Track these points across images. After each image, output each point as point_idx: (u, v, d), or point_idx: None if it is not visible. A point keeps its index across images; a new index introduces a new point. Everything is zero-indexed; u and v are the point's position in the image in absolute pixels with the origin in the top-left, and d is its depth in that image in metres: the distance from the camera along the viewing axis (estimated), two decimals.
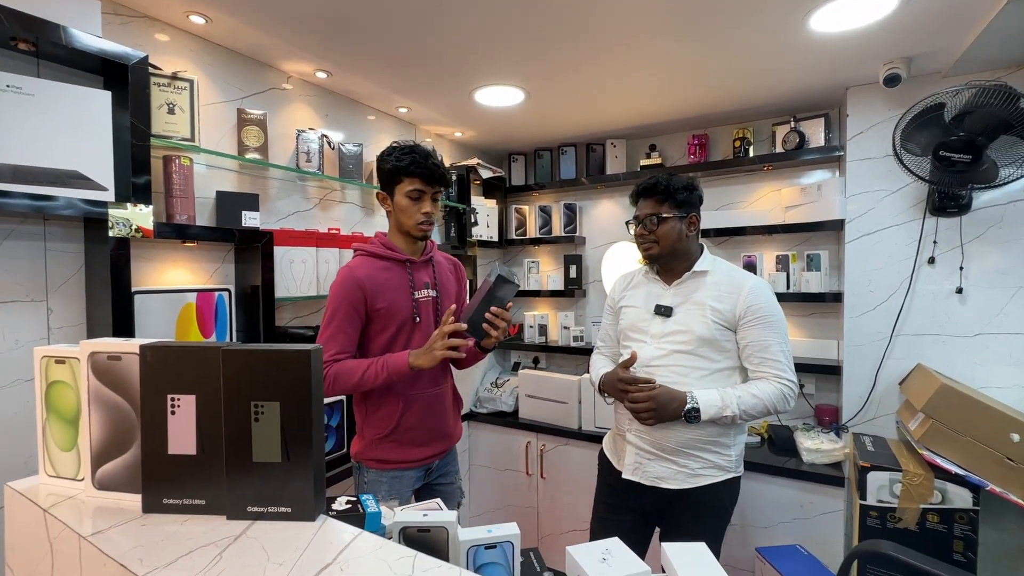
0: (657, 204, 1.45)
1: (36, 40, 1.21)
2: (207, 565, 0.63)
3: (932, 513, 1.62)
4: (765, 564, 1.82)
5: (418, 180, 1.39)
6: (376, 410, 1.44)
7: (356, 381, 1.34)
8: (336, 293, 1.38)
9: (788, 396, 1.38)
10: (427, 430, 1.47)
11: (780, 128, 2.34)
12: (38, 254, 1.32)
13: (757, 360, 1.39)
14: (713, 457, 1.41)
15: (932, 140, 1.74)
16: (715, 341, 1.39)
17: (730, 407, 1.35)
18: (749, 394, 1.36)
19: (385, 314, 1.40)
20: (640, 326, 1.49)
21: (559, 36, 1.66)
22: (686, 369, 1.40)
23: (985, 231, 1.89)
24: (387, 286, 1.41)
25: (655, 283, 1.53)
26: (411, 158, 1.38)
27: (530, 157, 3.11)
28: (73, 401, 0.83)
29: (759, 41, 1.70)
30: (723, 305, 1.40)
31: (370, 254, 1.45)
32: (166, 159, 1.52)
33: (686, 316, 1.42)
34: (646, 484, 1.44)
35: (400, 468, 1.45)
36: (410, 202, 1.41)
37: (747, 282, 1.41)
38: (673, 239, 1.44)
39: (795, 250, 2.37)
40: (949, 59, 1.80)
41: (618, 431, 1.55)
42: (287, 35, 1.66)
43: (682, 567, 0.87)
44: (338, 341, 1.36)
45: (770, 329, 1.38)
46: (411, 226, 1.43)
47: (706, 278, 1.45)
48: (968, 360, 1.92)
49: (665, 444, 1.41)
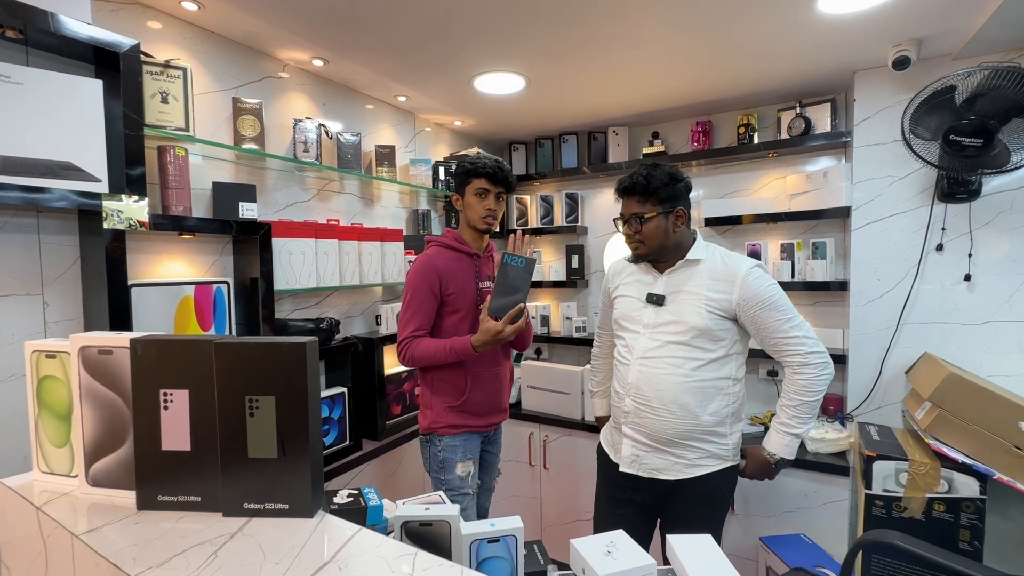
0: (639, 203, 1.41)
1: (24, 27, 1.18)
2: (201, 564, 0.61)
3: (938, 502, 1.61)
4: (769, 553, 1.81)
5: (484, 180, 1.59)
6: (445, 384, 1.63)
7: (431, 355, 1.54)
8: (416, 278, 1.57)
9: (818, 375, 1.37)
10: (488, 403, 1.67)
11: (785, 114, 2.30)
12: (32, 247, 1.30)
13: (773, 343, 1.39)
14: (710, 447, 1.40)
15: (942, 124, 1.70)
16: (710, 331, 1.37)
17: (796, 428, 1.40)
18: (792, 404, 1.39)
19: (455, 298, 1.59)
20: (633, 315, 1.48)
21: (560, 20, 1.62)
22: (680, 360, 1.38)
23: (995, 217, 1.85)
24: (458, 274, 1.60)
25: (647, 271, 1.50)
26: (481, 162, 1.60)
27: (531, 146, 3.07)
28: (65, 396, 0.81)
29: (765, 23, 1.66)
30: (718, 294, 1.38)
31: (444, 246, 1.65)
32: (160, 149, 1.49)
33: (680, 306, 1.40)
34: (644, 476, 1.44)
35: (469, 431, 1.65)
36: (477, 199, 1.61)
37: (741, 269, 1.38)
38: (660, 237, 1.41)
39: (800, 238, 2.33)
40: (960, 40, 1.76)
41: (614, 423, 1.54)
42: (282, 21, 1.62)
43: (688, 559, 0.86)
44: (417, 319, 1.56)
45: (774, 311, 1.36)
46: (477, 220, 1.62)
47: (699, 266, 1.42)
48: (976, 348, 1.89)
49: (662, 436, 1.40)
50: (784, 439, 1.40)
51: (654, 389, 1.39)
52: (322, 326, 1.88)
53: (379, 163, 2.23)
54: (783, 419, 1.41)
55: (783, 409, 1.41)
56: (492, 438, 1.79)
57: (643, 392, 1.41)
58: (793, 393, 1.38)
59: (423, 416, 1.68)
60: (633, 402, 1.43)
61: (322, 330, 1.87)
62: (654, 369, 1.40)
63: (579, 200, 2.89)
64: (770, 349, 1.41)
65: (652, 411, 1.40)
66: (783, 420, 1.41)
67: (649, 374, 1.40)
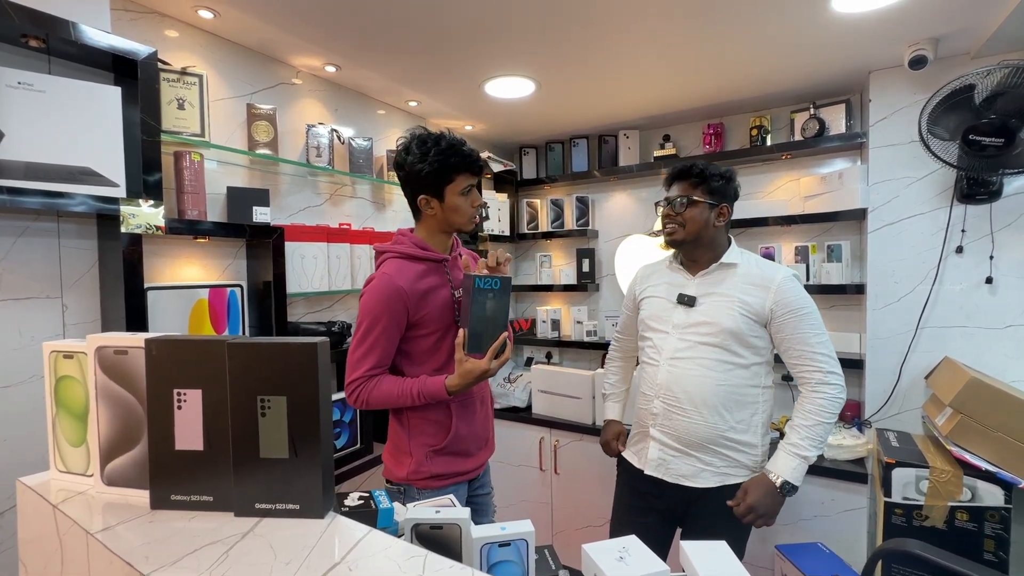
0: (690, 187, 1.41)
1: (46, 37, 1.21)
2: (213, 564, 0.61)
3: (961, 511, 1.56)
4: (786, 562, 1.78)
5: (468, 174, 1.28)
6: (425, 423, 1.32)
7: (392, 400, 1.26)
8: (374, 305, 1.24)
9: (836, 396, 1.33)
10: (476, 438, 1.38)
11: (799, 115, 2.27)
12: (52, 251, 1.33)
13: (796, 355, 1.36)
14: (740, 456, 1.37)
15: (961, 124, 1.67)
16: (741, 335, 1.35)
17: (805, 452, 1.31)
18: (804, 424, 1.33)
19: (428, 320, 1.29)
20: (662, 316, 1.45)
21: (569, 22, 1.62)
22: (711, 362, 1.36)
23: (1017, 218, 1.81)
24: (429, 291, 1.29)
25: (678, 272, 1.48)
26: (458, 155, 1.26)
27: (541, 150, 3.07)
28: (82, 396, 0.82)
29: (778, 23, 1.64)
30: (752, 298, 1.36)
31: (404, 256, 1.30)
32: (177, 155, 1.52)
33: (712, 307, 1.38)
34: (669, 481, 1.41)
35: (456, 482, 1.35)
36: (464, 199, 1.29)
37: (777, 275, 1.37)
38: (700, 224, 1.39)
39: (815, 241, 2.30)
40: (979, 39, 1.73)
41: (640, 427, 1.51)
42: (295, 28, 1.64)
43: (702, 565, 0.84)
44: (374, 356, 1.25)
45: (804, 322, 1.34)
46: (465, 223, 1.32)
47: (735, 270, 1.40)
48: (998, 352, 1.84)
49: (691, 439, 1.37)
50: (793, 461, 1.31)
51: (684, 390, 1.37)
52: (334, 329, 1.89)
53: (391, 168, 2.24)
54: (794, 439, 1.33)
55: (796, 429, 1.34)
56: (482, 479, 1.45)
57: (673, 393, 1.39)
58: (810, 412, 1.33)
59: (397, 463, 1.34)
60: (663, 404, 1.41)
61: (333, 333, 1.88)
62: (685, 370, 1.38)
63: (590, 204, 2.88)
64: (791, 361, 1.38)
65: (682, 412, 1.37)
66: (794, 440, 1.33)
67: (680, 375, 1.38)
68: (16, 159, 1.18)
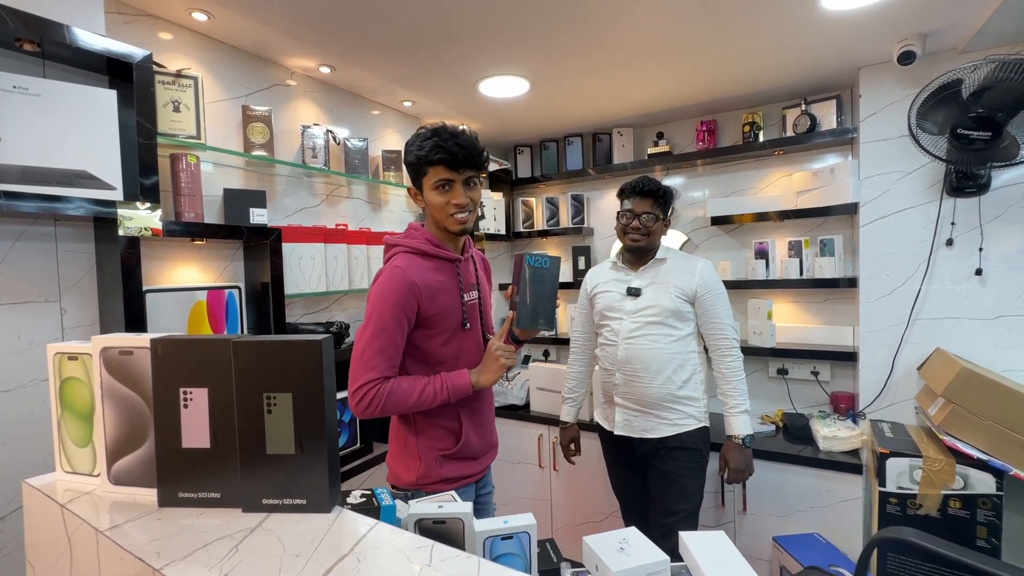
0: (654, 204, 1.71)
1: (40, 40, 1.21)
2: (224, 557, 0.62)
3: (954, 499, 1.59)
4: (783, 552, 1.80)
5: (442, 168, 1.18)
6: (435, 427, 1.28)
7: (412, 403, 1.19)
8: (386, 298, 1.16)
9: (739, 356, 1.70)
10: (484, 441, 1.36)
11: (790, 112, 2.30)
12: (50, 255, 1.33)
13: (711, 326, 1.70)
14: (688, 409, 1.68)
15: (949, 118, 1.70)
16: (679, 312, 1.68)
17: (742, 406, 1.68)
18: (731, 387, 1.68)
19: (437, 320, 1.23)
20: (615, 306, 1.76)
21: (562, 22, 1.64)
22: (658, 336, 1.68)
23: (1005, 211, 1.84)
24: (440, 289, 1.23)
25: (622, 271, 1.80)
26: (433, 142, 1.17)
27: (536, 148, 3.08)
28: (87, 397, 0.83)
29: (769, 21, 1.66)
30: (682, 282, 1.69)
31: (417, 252, 1.25)
32: (173, 157, 1.52)
33: (654, 293, 1.70)
34: (635, 437, 1.70)
35: (467, 483, 1.33)
36: (438, 194, 1.21)
37: (698, 263, 1.73)
38: (656, 236, 1.73)
39: (808, 235, 2.33)
40: (966, 34, 1.75)
41: (606, 398, 1.80)
42: (289, 29, 1.65)
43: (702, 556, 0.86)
44: (387, 355, 1.17)
45: (719, 300, 1.70)
46: (445, 220, 1.23)
47: (665, 264, 1.74)
48: (989, 343, 1.87)
49: (648, 400, 1.68)
50: (741, 418, 1.67)
51: (640, 361, 1.67)
52: (332, 329, 1.90)
53: (386, 168, 2.25)
54: (732, 402, 1.68)
55: (728, 394, 1.68)
56: (484, 480, 1.44)
57: (632, 365, 1.69)
58: (730, 376, 1.68)
59: (404, 467, 1.29)
60: (623, 375, 1.71)
61: (332, 333, 1.87)
62: (640, 346, 1.68)
63: (585, 201, 2.90)
64: (707, 330, 1.72)
65: (639, 380, 1.68)
66: (734, 402, 1.67)
67: (635, 350, 1.69)
68: (12, 163, 1.18)
